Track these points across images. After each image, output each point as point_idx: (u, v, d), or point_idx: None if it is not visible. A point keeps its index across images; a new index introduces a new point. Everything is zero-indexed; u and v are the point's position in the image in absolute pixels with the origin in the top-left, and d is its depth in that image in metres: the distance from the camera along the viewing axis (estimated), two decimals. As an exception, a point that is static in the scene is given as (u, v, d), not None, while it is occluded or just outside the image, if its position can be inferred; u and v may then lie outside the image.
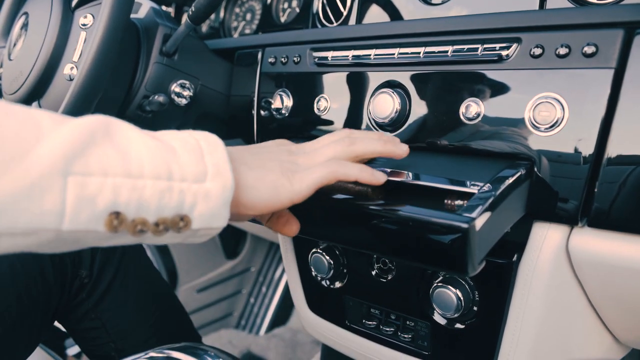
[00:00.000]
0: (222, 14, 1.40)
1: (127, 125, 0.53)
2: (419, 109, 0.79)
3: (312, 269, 0.97)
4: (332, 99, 0.90)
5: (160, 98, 0.97)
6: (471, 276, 0.65)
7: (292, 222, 0.70)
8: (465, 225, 0.57)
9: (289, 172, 0.63)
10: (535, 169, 0.68)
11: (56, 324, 1.04)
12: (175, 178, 0.51)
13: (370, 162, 0.77)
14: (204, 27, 1.46)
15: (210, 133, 0.58)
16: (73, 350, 1.70)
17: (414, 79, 0.80)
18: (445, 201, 0.70)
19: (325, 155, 0.67)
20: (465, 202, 0.67)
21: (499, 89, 0.71)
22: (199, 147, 0.55)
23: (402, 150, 0.71)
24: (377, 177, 0.67)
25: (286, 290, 2.12)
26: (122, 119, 1.01)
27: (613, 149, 0.63)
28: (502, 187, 0.63)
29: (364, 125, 0.86)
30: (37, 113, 0.48)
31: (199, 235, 0.55)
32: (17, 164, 0.42)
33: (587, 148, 0.64)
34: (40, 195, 0.43)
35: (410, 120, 0.80)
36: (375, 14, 0.96)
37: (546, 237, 0.71)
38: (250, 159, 0.63)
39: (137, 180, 0.48)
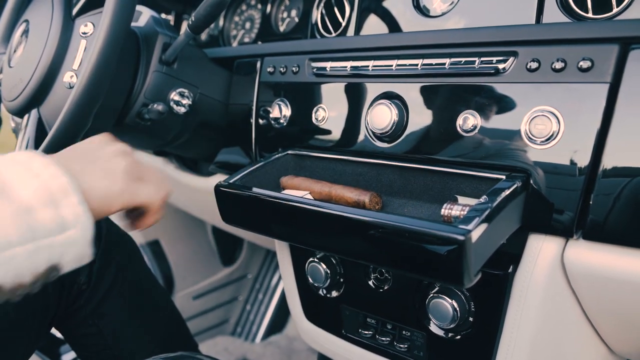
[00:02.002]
0: (221, 23, 1.41)
1: None
2: (416, 120, 0.80)
3: (309, 278, 0.97)
4: (330, 109, 0.91)
5: (159, 107, 0.98)
6: (467, 287, 0.65)
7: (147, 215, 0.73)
8: (461, 237, 0.57)
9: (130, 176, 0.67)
10: (531, 182, 0.69)
11: (53, 330, 1.04)
12: (39, 236, 0.53)
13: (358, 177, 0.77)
14: (203, 35, 1.47)
15: (52, 167, 0.57)
16: (68, 356, 1.69)
17: (411, 90, 0.81)
18: (443, 212, 0.71)
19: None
20: (463, 213, 0.67)
21: (496, 101, 0.72)
22: (52, 196, 0.55)
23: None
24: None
25: (282, 297, 2.12)
26: (121, 128, 1.02)
27: (608, 163, 0.64)
28: (499, 199, 0.64)
29: (361, 136, 0.86)
30: None
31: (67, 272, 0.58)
32: None
33: (583, 162, 0.65)
34: None
35: (407, 132, 0.81)
36: (374, 25, 0.97)
37: (541, 249, 0.71)
38: (91, 171, 0.64)
39: (6, 251, 0.50)
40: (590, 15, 0.74)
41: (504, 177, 0.70)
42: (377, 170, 0.86)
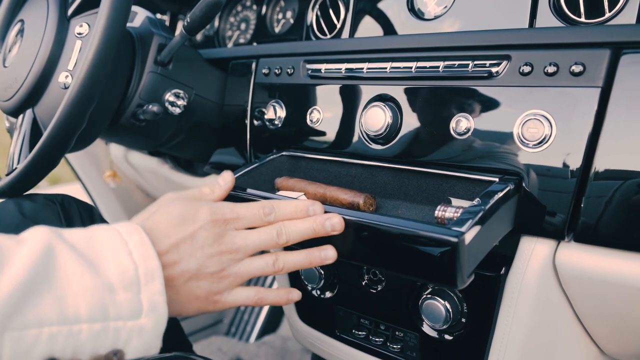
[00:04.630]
0: (216, 23, 1.41)
1: (69, 258, 0.52)
2: (410, 122, 0.80)
3: (303, 279, 0.98)
4: (325, 111, 0.91)
5: (154, 108, 0.98)
6: (460, 289, 0.66)
7: None
8: (454, 240, 0.58)
9: (215, 295, 0.65)
10: (524, 184, 0.69)
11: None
12: (111, 317, 0.52)
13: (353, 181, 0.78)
14: (199, 36, 1.47)
15: (150, 250, 0.57)
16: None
17: (405, 93, 0.81)
18: (436, 213, 0.71)
19: (254, 248, 0.67)
20: (456, 215, 0.68)
21: (489, 105, 0.73)
22: (137, 278, 0.54)
23: (329, 228, 0.67)
24: (290, 298, 0.74)
25: (276, 297, 2.12)
26: (116, 129, 1.01)
27: (599, 166, 0.64)
28: (491, 201, 0.64)
29: (356, 138, 0.87)
30: None
31: None
32: None
33: (574, 165, 0.65)
34: None
35: (401, 134, 0.81)
36: (369, 27, 0.98)
37: (533, 251, 0.72)
38: (176, 279, 0.62)
39: (73, 325, 0.49)
40: (582, 19, 0.75)
41: (496, 179, 0.71)
42: (371, 172, 0.86)
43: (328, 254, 0.69)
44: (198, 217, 0.64)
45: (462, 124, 0.74)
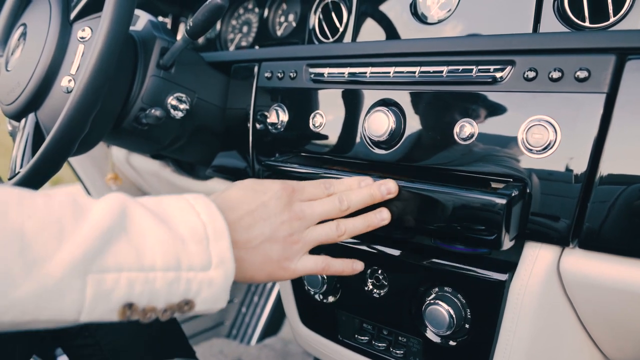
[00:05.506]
0: (218, 26, 1.41)
1: (141, 212, 0.55)
2: (413, 127, 0.80)
3: (306, 283, 0.97)
4: (328, 115, 0.91)
5: (157, 112, 0.98)
6: (503, 249, 0.70)
7: None
8: (503, 201, 0.66)
9: (286, 261, 0.69)
10: (528, 190, 0.69)
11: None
12: (183, 268, 0.55)
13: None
14: (201, 39, 1.47)
15: (216, 212, 0.60)
16: (64, 358, 1.69)
17: (409, 98, 0.81)
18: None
19: (319, 215, 0.72)
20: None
21: (493, 110, 0.72)
22: (206, 235, 0.58)
23: (385, 191, 0.76)
24: (355, 268, 0.78)
25: (278, 300, 2.12)
26: (118, 132, 1.01)
27: (604, 172, 0.64)
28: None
29: (358, 143, 0.86)
30: (57, 208, 0.50)
31: (200, 314, 0.59)
32: (40, 267, 0.46)
33: (579, 171, 0.65)
34: (61, 295, 0.47)
35: (404, 139, 0.81)
36: (371, 31, 0.97)
37: (537, 258, 0.72)
38: (251, 240, 0.66)
39: (149, 273, 0.52)
40: (587, 24, 0.74)
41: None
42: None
43: (383, 216, 0.76)
44: (269, 188, 0.70)
45: (466, 129, 0.74)
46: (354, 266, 0.78)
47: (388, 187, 0.75)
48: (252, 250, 0.66)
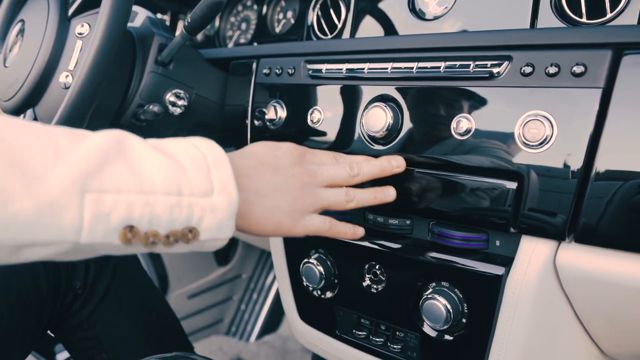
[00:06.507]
0: (217, 23, 1.41)
1: (139, 142, 0.56)
2: (411, 123, 0.80)
3: (304, 279, 0.98)
4: (326, 111, 0.91)
5: (155, 108, 0.98)
6: (516, 231, 0.73)
7: None
8: (514, 185, 0.70)
9: (296, 212, 0.70)
10: (525, 185, 0.69)
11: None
12: (184, 193, 0.54)
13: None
14: (199, 36, 1.47)
15: (216, 146, 0.61)
16: (62, 355, 1.69)
17: (406, 93, 0.81)
18: None
19: (329, 176, 0.75)
20: None
21: (490, 105, 0.72)
22: (206, 163, 0.58)
23: (395, 165, 0.80)
24: (357, 232, 0.82)
25: (277, 297, 2.13)
26: (116, 128, 1.02)
27: (600, 167, 0.64)
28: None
29: (356, 139, 0.86)
30: (55, 132, 0.51)
31: (206, 246, 0.59)
32: (38, 184, 0.46)
33: (575, 166, 0.65)
34: (59, 212, 0.47)
35: (402, 135, 0.81)
36: (369, 27, 0.98)
37: (534, 252, 0.72)
38: (262, 187, 0.68)
39: (149, 196, 0.52)
40: (584, 20, 0.74)
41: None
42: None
43: (390, 192, 0.80)
44: (280, 146, 0.74)
45: (463, 124, 0.74)
46: (355, 230, 0.81)
47: (398, 161, 0.79)
48: (263, 197, 0.67)
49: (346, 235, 0.80)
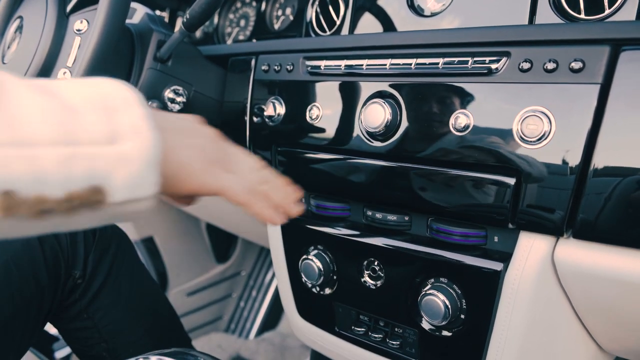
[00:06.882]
0: (216, 20, 1.41)
1: (20, 83, 0.43)
2: (409, 119, 0.80)
3: (303, 276, 0.98)
4: (324, 108, 0.91)
5: (153, 104, 0.98)
6: (514, 226, 0.73)
7: None
8: (512, 181, 0.70)
9: (224, 164, 0.61)
10: (523, 181, 0.69)
11: (47, 327, 1.04)
12: (80, 142, 0.42)
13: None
14: (198, 33, 1.47)
15: (123, 86, 0.49)
16: (62, 353, 1.69)
17: (405, 89, 0.81)
18: None
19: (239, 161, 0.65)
20: None
21: (488, 101, 0.73)
22: (108, 104, 0.46)
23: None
24: (275, 220, 0.68)
25: (276, 294, 2.13)
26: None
27: (598, 163, 0.64)
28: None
29: (355, 135, 0.87)
30: None
31: (123, 213, 0.47)
32: None
33: (573, 161, 0.65)
34: None
35: (401, 131, 0.81)
36: (368, 24, 0.98)
37: (532, 248, 0.72)
38: (183, 126, 0.58)
39: (29, 148, 0.40)
40: (582, 16, 0.74)
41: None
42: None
43: (295, 208, 0.70)
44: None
45: (461, 120, 0.74)
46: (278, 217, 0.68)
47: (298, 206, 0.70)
48: (186, 138, 0.57)
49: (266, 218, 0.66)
